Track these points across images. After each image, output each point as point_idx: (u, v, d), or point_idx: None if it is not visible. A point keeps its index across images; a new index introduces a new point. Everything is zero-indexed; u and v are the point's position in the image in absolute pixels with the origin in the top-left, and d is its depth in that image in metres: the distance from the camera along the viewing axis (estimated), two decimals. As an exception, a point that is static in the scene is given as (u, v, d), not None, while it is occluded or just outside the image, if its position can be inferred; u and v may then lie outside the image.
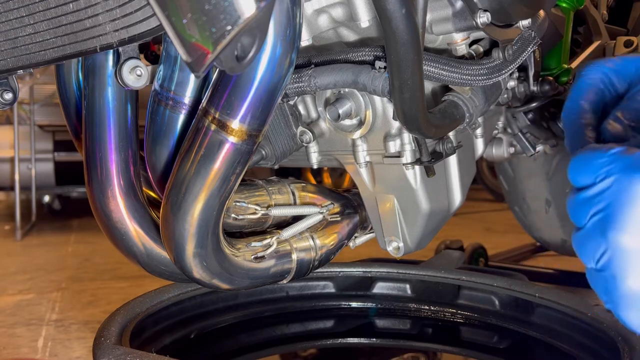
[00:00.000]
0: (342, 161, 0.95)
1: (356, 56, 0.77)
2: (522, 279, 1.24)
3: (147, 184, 0.82)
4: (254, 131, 0.65)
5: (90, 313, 1.71)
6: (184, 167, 0.68)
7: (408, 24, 0.63)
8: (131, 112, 0.76)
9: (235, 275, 0.79)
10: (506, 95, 1.01)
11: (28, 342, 1.45)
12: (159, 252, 0.80)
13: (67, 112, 0.89)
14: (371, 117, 0.85)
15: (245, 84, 0.62)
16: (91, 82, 0.74)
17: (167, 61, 0.73)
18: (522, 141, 1.12)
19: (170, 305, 1.05)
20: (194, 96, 0.74)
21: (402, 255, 0.96)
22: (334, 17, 0.78)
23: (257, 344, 1.13)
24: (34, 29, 0.62)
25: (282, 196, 0.90)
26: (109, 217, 0.78)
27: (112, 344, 0.81)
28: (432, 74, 0.74)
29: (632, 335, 0.86)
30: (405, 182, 0.90)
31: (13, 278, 2.22)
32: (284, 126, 0.91)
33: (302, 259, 0.88)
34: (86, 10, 0.58)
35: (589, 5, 1.18)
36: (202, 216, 0.69)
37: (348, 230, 0.96)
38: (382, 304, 1.23)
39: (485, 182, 4.67)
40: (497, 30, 0.77)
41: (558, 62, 1.08)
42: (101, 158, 0.76)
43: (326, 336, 1.19)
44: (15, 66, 0.66)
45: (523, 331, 1.08)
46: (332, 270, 1.23)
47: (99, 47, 0.59)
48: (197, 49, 0.47)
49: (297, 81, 0.78)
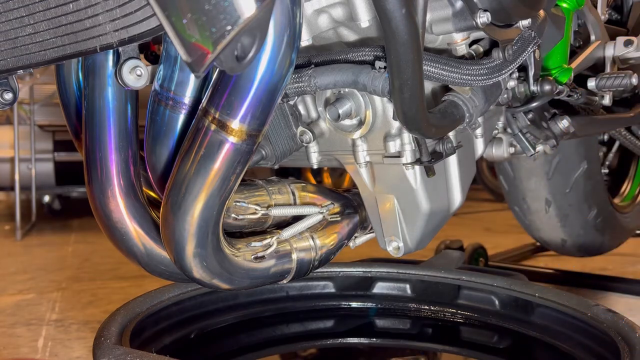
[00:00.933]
0: (342, 161, 0.95)
1: (356, 56, 0.77)
2: (522, 279, 1.24)
3: (147, 184, 0.82)
4: (254, 131, 0.65)
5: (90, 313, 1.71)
6: (184, 167, 0.68)
7: (408, 24, 0.63)
8: (131, 112, 0.76)
9: (235, 275, 0.79)
10: (506, 95, 1.01)
11: (28, 342, 1.45)
12: (159, 252, 0.80)
13: (67, 112, 0.89)
14: (371, 117, 0.85)
15: (245, 84, 0.62)
16: (91, 82, 0.74)
17: (167, 61, 0.73)
18: (522, 141, 1.12)
19: (170, 305, 1.04)
20: (194, 96, 0.74)
21: (402, 255, 0.96)
22: (334, 17, 0.78)
23: (257, 344, 1.13)
24: (34, 29, 0.62)
25: (282, 196, 0.90)
26: (109, 217, 0.78)
27: (112, 344, 0.81)
28: (432, 74, 0.74)
29: (632, 335, 0.86)
30: (405, 182, 0.90)
31: (13, 278, 2.22)
32: (284, 126, 0.91)
33: (302, 259, 0.88)
34: (86, 10, 0.58)
35: (589, 5, 1.18)
36: (202, 216, 0.69)
37: (348, 230, 0.96)
38: (382, 304, 1.23)
39: (485, 182, 4.67)
40: (497, 30, 0.77)
41: (558, 62, 1.08)
42: (101, 158, 0.76)
43: (326, 336, 1.19)
44: (15, 66, 0.66)
45: (523, 331, 1.08)
46: (332, 270, 1.23)
47: (99, 47, 0.59)
48: (197, 49, 0.47)
49: (297, 81, 0.78)
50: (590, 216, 1.65)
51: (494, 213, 3.97)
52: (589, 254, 1.79)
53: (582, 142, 1.55)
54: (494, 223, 3.49)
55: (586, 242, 1.72)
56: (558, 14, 1.02)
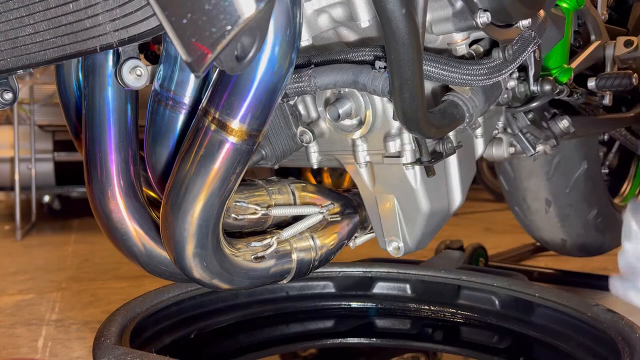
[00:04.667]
0: (342, 161, 0.95)
1: (356, 56, 0.77)
2: (522, 279, 1.24)
3: (147, 184, 0.82)
4: (254, 131, 0.65)
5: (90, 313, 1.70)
6: (184, 167, 0.68)
7: (408, 24, 0.63)
8: (131, 112, 0.76)
9: (235, 275, 0.79)
10: (506, 95, 1.01)
11: (28, 342, 1.45)
12: (159, 252, 0.80)
13: (67, 112, 0.89)
14: (371, 117, 0.85)
15: (245, 84, 0.62)
16: (91, 82, 0.74)
17: (167, 61, 0.73)
18: (522, 141, 1.12)
19: (170, 305, 1.04)
20: (194, 96, 0.74)
21: (402, 255, 0.96)
22: (334, 17, 0.78)
23: (257, 344, 1.13)
24: (34, 29, 0.62)
25: (282, 196, 0.90)
26: (109, 217, 0.78)
27: (112, 344, 0.81)
28: (432, 74, 0.74)
29: (632, 336, 0.86)
30: (405, 182, 0.90)
31: (13, 278, 2.22)
32: (284, 126, 0.91)
33: (302, 259, 0.88)
34: (86, 10, 0.58)
35: (589, 5, 1.18)
36: (202, 216, 0.69)
37: (348, 230, 0.96)
38: (382, 304, 1.23)
39: (485, 182, 4.67)
40: (497, 30, 0.77)
41: (558, 62, 1.08)
42: (101, 158, 0.76)
43: (326, 336, 1.19)
44: (15, 66, 0.66)
45: (523, 331, 1.08)
46: (332, 270, 1.23)
47: (99, 47, 0.59)
48: (197, 49, 0.47)
49: (297, 81, 0.78)
50: (591, 216, 1.65)
51: (494, 213, 3.97)
52: (589, 254, 1.79)
53: (582, 142, 1.55)
54: (494, 223, 3.49)
55: (586, 242, 1.72)
56: (558, 14, 1.02)
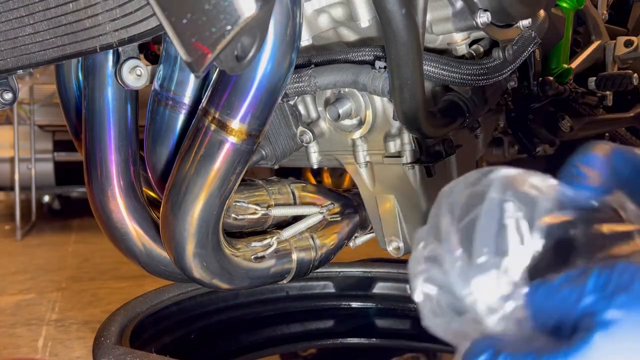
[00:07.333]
0: (342, 161, 0.95)
1: (356, 56, 0.76)
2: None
3: (147, 184, 0.82)
4: (254, 131, 0.65)
5: (90, 313, 1.71)
6: (184, 167, 0.68)
7: (408, 24, 0.63)
8: (131, 112, 0.76)
9: (235, 275, 0.79)
10: (506, 95, 1.01)
11: (28, 342, 1.45)
12: (159, 252, 0.80)
13: (67, 112, 0.89)
14: (371, 117, 0.85)
15: (245, 84, 0.62)
16: (91, 82, 0.74)
17: (167, 61, 0.73)
18: (522, 141, 1.12)
19: (170, 305, 1.05)
20: (194, 96, 0.74)
21: (402, 255, 0.96)
22: (334, 17, 0.78)
23: (257, 344, 1.13)
24: (34, 29, 0.62)
25: (282, 196, 0.90)
26: (109, 217, 0.78)
27: (112, 344, 0.81)
28: (432, 74, 0.74)
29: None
30: (405, 182, 0.90)
31: (13, 278, 2.22)
32: (284, 126, 0.91)
33: (302, 259, 0.88)
34: (86, 10, 0.58)
35: (589, 5, 1.18)
36: (202, 216, 0.69)
37: (348, 230, 0.96)
38: (382, 304, 1.22)
39: (485, 182, 4.67)
40: (497, 30, 0.77)
41: (558, 62, 1.08)
42: (101, 158, 0.76)
43: (326, 336, 1.19)
44: (15, 66, 0.66)
45: (523, 331, 1.08)
46: (332, 270, 1.23)
47: (99, 47, 0.59)
48: (197, 49, 0.47)
49: (297, 81, 0.78)
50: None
51: (494, 213, 3.96)
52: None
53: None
54: (494, 223, 3.49)
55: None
56: (558, 14, 1.02)
